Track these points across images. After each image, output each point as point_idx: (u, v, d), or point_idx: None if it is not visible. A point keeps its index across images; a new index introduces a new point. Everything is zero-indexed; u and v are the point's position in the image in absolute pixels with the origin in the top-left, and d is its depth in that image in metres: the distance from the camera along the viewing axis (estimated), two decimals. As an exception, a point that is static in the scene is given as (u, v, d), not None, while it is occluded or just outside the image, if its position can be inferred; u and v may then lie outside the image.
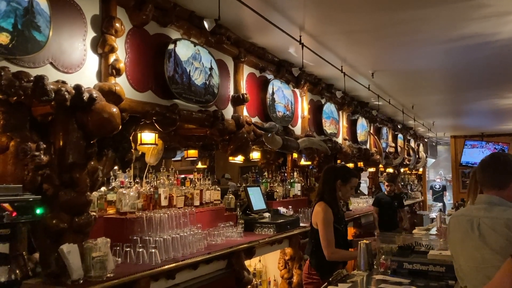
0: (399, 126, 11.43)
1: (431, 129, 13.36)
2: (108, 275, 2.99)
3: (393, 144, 11.12)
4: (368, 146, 9.08)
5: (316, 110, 6.95)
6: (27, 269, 2.79)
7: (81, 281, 2.85)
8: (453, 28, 4.80)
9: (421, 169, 15.54)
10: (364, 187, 11.99)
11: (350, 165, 8.99)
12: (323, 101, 7.19)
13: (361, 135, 8.65)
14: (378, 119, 9.73)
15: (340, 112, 7.89)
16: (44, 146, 2.93)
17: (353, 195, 4.31)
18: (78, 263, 2.88)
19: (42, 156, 2.89)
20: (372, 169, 10.61)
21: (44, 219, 2.89)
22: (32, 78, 2.64)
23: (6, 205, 2.44)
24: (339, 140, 7.70)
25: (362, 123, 8.75)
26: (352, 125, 8.44)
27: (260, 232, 5.08)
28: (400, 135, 11.65)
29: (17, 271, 2.52)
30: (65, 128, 3.03)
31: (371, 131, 9.46)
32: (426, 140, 15.80)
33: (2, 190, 2.57)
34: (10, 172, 2.99)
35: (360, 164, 9.36)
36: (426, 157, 15.06)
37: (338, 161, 7.76)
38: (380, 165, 9.94)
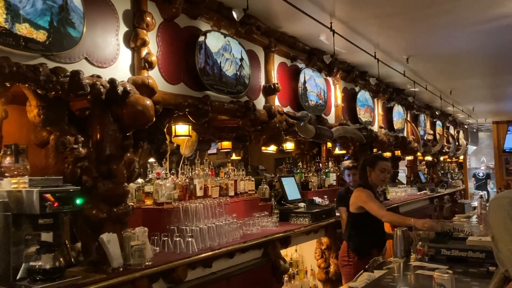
0: (437, 113, 11.11)
1: (471, 115, 12.92)
2: (147, 263, 3.08)
3: (431, 132, 10.84)
4: (405, 134, 8.88)
5: (350, 98, 6.85)
6: (70, 257, 2.92)
7: (121, 269, 2.94)
8: (492, 6, 4.61)
9: (461, 157, 15.06)
10: (402, 176, 11.75)
11: (387, 154, 8.85)
12: (357, 89, 7.09)
13: (397, 122, 8.47)
14: (415, 106, 9.51)
15: (375, 100, 7.74)
16: (82, 139, 3.03)
17: (387, 180, 4.31)
18: (117, 251, 2.97)
19: (80, 148, 3.00)
20: (410, 158, 10.38)
21: (85, 210, 2.99)
22: (68, 73, 2.73)
23: (48, 195, 2.55)
24: (375, 128, 7.57)
25: (398, 110, 8.56)
26: (388, 112, 8.28)
27: (295, 221, 5.10)
28: (438, 122, 11.34)
29: (61, 259, 2.64)
30: (102, 121, 3.12)
31: (408, 119, 9.24)
32: (466, 126, 15.29)
33: (44, 181, 2.70)
34: (51, 165, 3.12)
35: (398, 152, 9.18)
36: (467, 144, 14.59)
37: (374, 150, 7.65)
38: (418, 153, 9.71)
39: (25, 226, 2.65)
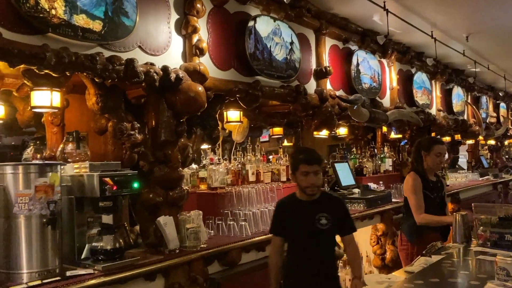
0: (500, 94, 10.50)
1: (540, 95, 12.11)
2: (202, 245, 3.16)
3: (495, 114, 10.27)
4: (465, 117, 8.48)
5: (406, 80, 6.62)
6: (129, 239, 3.05)
7: (177, 251, 3.04)
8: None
9: (529, 141, 14.16)
10: (463, 161, 11.24)
11: (447, 138, 8.50)
12: (413, 70, 6.83)
13: (457, 105, 8.10)
14: (476, 87, 9.05)
15: (433, 82, 7.43)
16: (138, 125, 3.13)
17: (443, 164, 4.14)
18: (174, 234, 3.06)
19: (137, 135, 3.10)
20: (471, 142, 9.91)
21: (142, 194, 3.10)
22: (123, 62, 2.82)
23: (108, 179, 2.67)
24: (433, 111, 7.28)
25: (457, 92, 8.18)
26: (447, 94, 7.93)
27: (350, 207, 5.01)
28: (502, 104, 10.73)
29: (121, 240, 2.76)
30: (156, 108, 3.20)
31: (469, 101, 8.81)
32: (534, 108, 14.35)
33: (103, 166, 2.82)
34: (110, 151, 3.25)
35: (458, 136, 8.81)
36: (535, 127, 13.69)
37: (433, 134, 7.37)
38: (480, 137, 9.26)
39: (87, 208, 2.79)
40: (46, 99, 2.92)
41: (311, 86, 4.67)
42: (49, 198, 2.48)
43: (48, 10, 2.47)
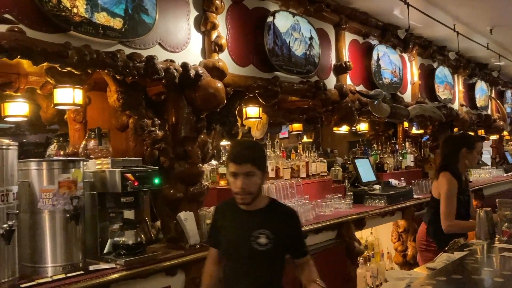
0: (526, 88, 10.24)
1: None
2: (222, 241, 3.17)
3: (520, 109, 10.02)
4: (489, 112, 8.31)
5: (428, 75, 6.52)
6: (151, 234, 3.09)
7: (198, 246, 3.06)
8: None
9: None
10: (486, 157, 11.01)
11: (470, 133, 8.33)
12: (435, 65, 6.72)
13: (480, 100, 7.94)
14: (500, 81, 8.84)
15: (455, 76, 7.29)
16: (159, 122, 3.16)
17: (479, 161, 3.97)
18: (194, 229, 3.09)
19: (157, 131, 3.13)
20: (495, 137, 9.69)
21: (163, 189, 3.13)
22: (143, 59, 2.85)
23: (129, 175, 2.70)
24: (455, 106, 7.15)
25: (481, 86, 8.01)
26: (470, 89, 7.78)
27: (370, 203, 4.98)
28: (528, 98, 10.44)
29: (142, 235, 2.80)
30: (176, 104, 3.23)
31: (492, 95, 8.62)
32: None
33: (125, 162, 2.86)
34: (132, 147, 3.30)
35: (481, 132, 8.62)
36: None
37: (455, 129, 7.24)
38: (505, 132, 9.05)
39: (109, 204, 2.83)
40: (68, 96, 2.97)
41: (331, 81, 4.63)
42: (72, 193, 2.53)
43: (70, 8, 2.51)
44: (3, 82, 3.07)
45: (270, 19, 3.84)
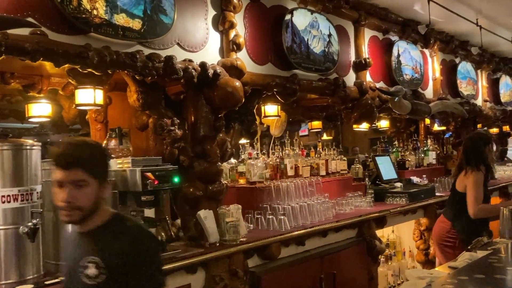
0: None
1: None
2: (241, 239, 3.19)
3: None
4: (514, 107, 8.11)
5: (450, 71, 6.41)
6: (171, 233, 3.12)
7: (217, 244, 3.08)
8: None
9: None
10: (512, 154, 10.77)
11: (494, 129, 8.17)
12: (457, 60, 6.60)
13: (505, 95, 7.76)
14: (526, 75, 8.61)
15: (478, 71, 7.15)
16: (178, 121, 3.19)
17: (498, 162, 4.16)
18: (214, 227, 3.11)
19: (176, 130, 3.16)
20: (520, 133, 9.46)
21: (182, 188, 3.16)
22: (162, 59, 2.88)
23: (149, 174, 2.74)
24: (478, 102, 7.01)
25: (505, 81, 7.83)
26: (494, 84, 7.62)
27: (392, 201, 4.94)
28: (555, 93, 10.16)
29: (163, 233, 2.83)
30: (195, 104, 3.25)
31: (518, 90, 8.40)
32: None
33: (145, 161, 2.90)
34: (152, 146, 3.34)
35: (506, 128, 8.44)
36: None
37: (479, 126, 7.11)
38: (531, 128, 8.82)
39: (130, 202, 2.87)
40: (89, 97, 3.02)
41: (350, 78, 4.60)
42: (94, 192, 2.56)
43: (90, 10, 2.55)
44: (27, 84, 3.14)
45: (288, 16, 3.83)
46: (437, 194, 5.41)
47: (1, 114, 4.73)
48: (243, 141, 4.29)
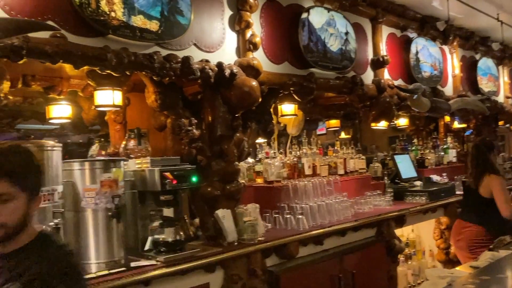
0: None
1: None
2: (259, 238, 3.19)
3: None
4: (538, 104, 7.92)
5: (470, 67, 6.29)
6: (189, 232, 3.13)
7: (236, 243, 3.09)
8: None
9: None
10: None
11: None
12: (477, 56, 6.48)
13: (528, 91, 7.57)
14: (549, 71, 8.40)
15: (500, 67, 7.00)
16: (196, 121, 3.21)
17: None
18: (232, 226, 3.12)
19: (194, 130, 3.18)
20: (544, 130, 9.24)
21: (200, 187, 3.18)
22: (179, 60, 2.90)
23: (168, 174, 2.76)
24: (500, 98, 6.87)
25: (528, 77, 7.64)
26: (516, 80, 7.44)
27: (411, 200, 4.89)
28: None
29: (181, 233, 2.85)
30: (212, 104, 3.26)
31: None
32: None
33: (163, 161, 2.93)
34: (170, 146, 3.36)
35: (529, 124, 8.22)
36: None
37: (500, 123, 6.98)
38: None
39: (149, 202, 2.91)
40: (108, 98, 3.06)
41: (368, 76, 4.56)
42: (114, 192, 2.61)
43: (108, 12, 2.58)
44: (47, 86, 3.20)
45: (304, 15, 3.81)
46: (457, 192, 5.32)
47: (23, 116, 4.82)
48: (260, 140, 4.29)
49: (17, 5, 2.35)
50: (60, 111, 3.71)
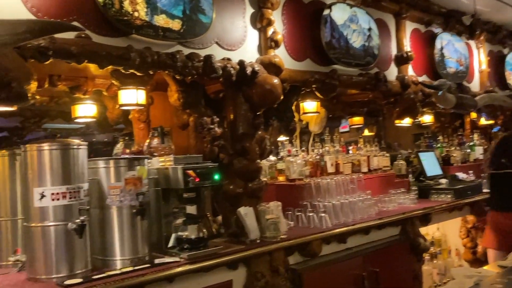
0: None
1: None
2: (282, 236, 3.18)
3: None
4: None
5: (497, 62, 6.15)
6: (212, 229, 3.16)
7: (258, 241, 3.09)
8: None
9: None
10: None
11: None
12: (505, 50, 6.32)
13: (558, 86, 7.34)
14: None
15: (529, 62, 6.80)
16: (218, 119, 3.23)
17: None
18: (254, 224, 3.12)
19: (216, 128, 3.19)
20: None
21: (223, 185, 3.20)
22: (201, 58, 2.92)
23: (191, 172, 2.78)
24: (529, 94, 6.67)
25: (559, 72, 7.41)
26: (546, 75, 7.22)
27: (436, 198, 4.80)
28: None
29: (204, 230, 2.86)
30: (234, 102, 3.27)
31: None
32: None
33: (186, 159, 2.95)
34: (192, 144, 3.39)
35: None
36: None
37: (530, 119, 6.77)
38: None
39: (173, 199, 2.93)
40: (132, 97, 3.10)
41: (392, 72, 4.49)
42: (138, 190, 2.64)
43: (131, 12, 2.62)
44: (73, 86, 3.26)
45: (326, 11, 3.79)
46: (484, 190, 5.20)
47: (50, 116, 4.93)
48: (282, 138, 4.28)
49: (43, 6, 2.41)
50: (85, 111, 3.78)
